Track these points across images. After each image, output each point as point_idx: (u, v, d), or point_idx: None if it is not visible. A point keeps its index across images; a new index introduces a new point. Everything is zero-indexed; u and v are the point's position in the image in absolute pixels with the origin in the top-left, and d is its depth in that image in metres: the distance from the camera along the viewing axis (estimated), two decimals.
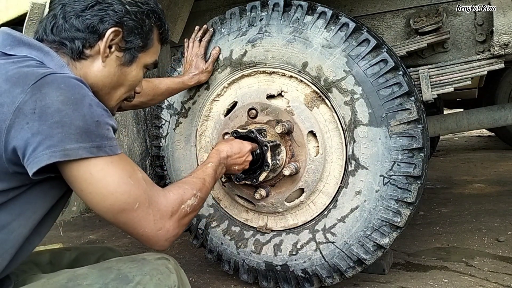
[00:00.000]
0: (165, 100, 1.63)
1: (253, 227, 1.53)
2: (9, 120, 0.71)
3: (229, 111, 1.51)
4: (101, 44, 0.88)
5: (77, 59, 0.88)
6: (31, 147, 0.70)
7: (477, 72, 1.47)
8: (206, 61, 1.50)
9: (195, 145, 1.59)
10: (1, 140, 0.71)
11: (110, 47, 0.89)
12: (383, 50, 1.29)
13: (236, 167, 1.24)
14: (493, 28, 1.42)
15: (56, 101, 0.72)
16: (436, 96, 1.51)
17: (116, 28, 0.88)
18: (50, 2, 0.91)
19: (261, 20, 1.42)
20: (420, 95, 1.48)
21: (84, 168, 0.74)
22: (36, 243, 0.88)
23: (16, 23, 1.73)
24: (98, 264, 0.90)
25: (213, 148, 1.24)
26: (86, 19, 0.87)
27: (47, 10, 1.45)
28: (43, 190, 0.81)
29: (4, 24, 1.76)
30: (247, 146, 1.26)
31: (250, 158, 1.27)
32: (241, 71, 1.47)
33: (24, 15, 1.50)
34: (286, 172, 1.35)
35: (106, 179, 0.76)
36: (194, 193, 0.94)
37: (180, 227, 0.88)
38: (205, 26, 1.54)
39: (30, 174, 0.72)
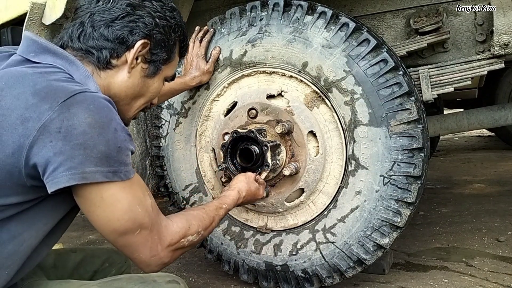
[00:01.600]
0: (165, 100, 1.63)
1: (253, 227, 1.53)
2: (33, 136, 0.70)
3: (229, 111, 1.50)
4: (129, 55, 0.88)
5: (102, 68, 0.88)
6: (52, 166, 0.70)
7: (477, 72, 1.47)
8: (207, 62, 1.50)
9: (195, 145, 1.59)
10: (23, 155, 0.71)
11: (136, 58, 0.89)
12: (383, 50, 1.29)
13: (246, 204, 1.28)
14: (493, 28, 1.42)
15: (84, 122, 0.72)
16: (436, 96, 1.51)
17: (145, 41, 0.88)
18: (76, 9, 0.89)
19: (261, 20, 1.42)
20: (420, 95, 1.48)
21: (96, 191, 0.75)
22: (44, 254, 0.88)
23: (16, 23, 1.73)
24: (108, 283, 0.90)
25: (231, 184, 1.24)
26: (116, 29, 0.86)
27: (47, 10, 1.45)
28: (55, 202, 0.81)
29: (4, 24, 1.76)
30: (262, 190, 1.29)
31: (259, 197, 1.30)
32: (241, 71, 1.47)
33: (24, 15, 1.50)
34: (286, 172, 1.35)
35: (115, 205, 0.77)
36: (198, 231, 0.95)
37: (172, 257, 0.89)
38: (205, 27, 1.54)
39: (49, 192, 0.73)
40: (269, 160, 1.30)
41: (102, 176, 0.74)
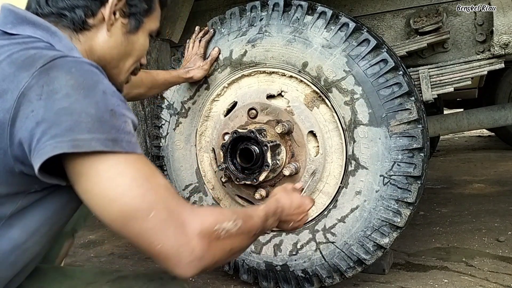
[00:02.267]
0: (165, 100, 1.63)
1: None
2: (13, 108, 0.61)
3: (229, 111, 1.51)
4: (105, 11, 0.78)
5: (79, 30, 0.78)
6: (35, 138, 0.60)
7: (477, 72, 1.47)
8: (204, 59, 1.50)
9: (195, 145, 1.59)
10: (6, 133, 0.61)
11: (114, 13, 0.80)
12: (383, 50, 1.29)
13: (291, 223, 1.02)
14: (493, 28, 1.42)
15: (66, 85, 0.62)
16: (436, 96, 1.51)
17: None
18: None
19: (261, 20, 1.42)
20: (420, 95, 1.48)
21: (93, 164, 0.62)
22: (42, 256, 0.82)
23: None
24: (115, 281, 0.84)
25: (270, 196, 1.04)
26: None
27: None
28: (58, 203, 0.73)
29: None
30: (308, 203, 1.06)
31: (307, 218, 1.08)
32: (241, 71, 1.47)
33: None
34: (286, 172, 1.35)
35: (117, 179, 0.63)
36: (234, 218, 0.73)
37: (210, 250, 0.67)
38: (206, 27, 1.54)
39: (36, 172, 0.61)
40: (269, 160, 1.30)
41: (100, 144, 0.61)
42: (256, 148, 1.33)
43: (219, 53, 1.49)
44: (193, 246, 0.65)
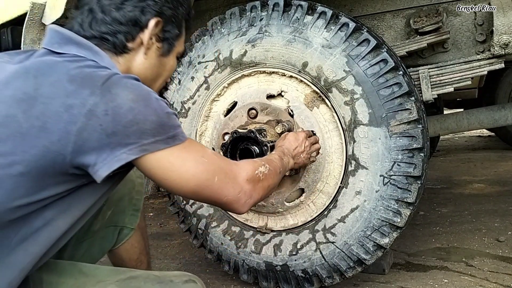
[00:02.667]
0: (165, 100, 1.63)
1: (253, 227, 1.53)
2: (80, 122, 0.70)
3: (229, 111, 1.50)
4: (144, 36, 0.87)
5: (119, 53, 0.86)
6: (108, 148, 0.71)
7: (477, 72, 1.47)
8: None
9: None
10: (70, 141, 0.70)
11: (151, 38, 0.88)
12: (383, 50, 1.29)
13: (302, 155, 1.24)
14: (493, 28, 1.42)
15: (127, 100, 0.73)
16: (436, 96, 1.51)
17: (158, 19, 0.87)
18: None
19: (261, 20, 1.42)
20: (420, 95, 1.48)
21: (163, 158, 0.76)
22: (69, 237, 0.88)
23: (16, 23, 1.73)
24: (125, 281, 0.88)
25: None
26: (127, 11, 0.84)
27: (47, 10, 1.45)
28: (92, 189, 0.80)
29: (4, 24, 1.76)
30: (301, 133, 1.27)
31: (309, 142, 1.27)
32: (241, 71, 1.47)
33: (24, 15, 1.50)
34: (286, 172, 1.34)
35: (186, 164, 0.79)
36: (262, 163, 0.97)
37: (256, 190, 0.91)
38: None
39: (104, 175, 0.72)
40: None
41: (163, 144, 0.75)
42: (256, 148, 1.33)
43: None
44: (245, 190, 0.88)
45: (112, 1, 0.84)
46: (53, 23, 1.43)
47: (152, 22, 0.86)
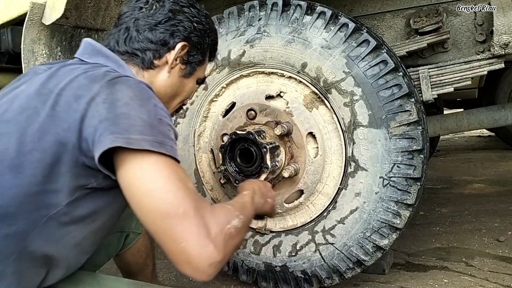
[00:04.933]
0: None
1: (252, 228, 1.52)
2: (83, 109, 0.75)
3: (227, 111, 1.50)
4: (169, 56, 0.95)
5: (145, 69, 0.95)
6: (98, 132, 0.73)
7: (477, 72, 1.46)
8: None
9: (193, 145, 1.59)
10: (76, 128, 0.75)
11: (176, 59, 0.97)
12: (383, 51, 1.28)
13: (269, 201, 1.17)
14: (493, 28, 1.41)
15: (126, 96, 0.77)
16: (436, 96, 1.50)
17: (185, 43, 0.96)
18: (120, 16, 0.98)
19: (259, 20, 1.42)
20: (420, 95, 1.47)
21: (139, 160, 0.73)
22: (86, 256, 0.92)
23: (16, 23, 1.73)
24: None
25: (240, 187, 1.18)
26: (159, 32, 0.94)
27: (47, 10, 1.44)
28: (106, 201, 0.83)
29: (4, 24, 1.76)
30: (267, 183, 1.28)
31: (274, 193, 1.27)
32: (240, 72, 1.46)
33: (24, 15, 1.50)
34: (285, 174, 1.34)
35: (159, 179, 0.73)
36: (237, 214, 0.84)
37: (225, 252, 0.74)
38: None
39: (96, 159, 0.73)
40: (268, 162, 1.30)
41: (148, 144, 0.73)
42: (255, 149, 1.32)
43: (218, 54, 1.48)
44: (212, 250, 0.71)
45: (148, 23, 0.94)
46: (53, 23, 1.43)
47: (179, 45, 0.95)
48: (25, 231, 0.75)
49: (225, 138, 1.41)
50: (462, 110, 3.18)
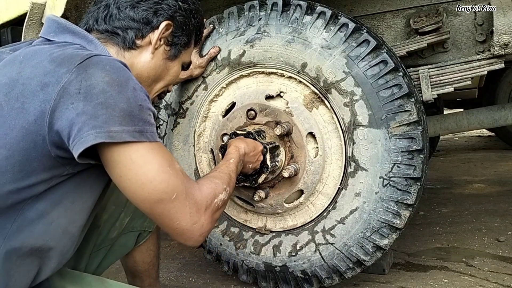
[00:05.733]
0: (163, 100, 1.62)
1: (252, 228, 1.52)
2: (53, 100, 0.69)
3: (227, 111, 1.50)
4: (153, 36, 0.90)
5: (127, 49, 0.90)
6: (76, 127, 0.69)
7: (477, 72, 1.46)
8: (201, 57, 1.49)
9: (193, 145, 1.59)
10: (45, 120, 0.70)
11: (160, 39, 0.92)
12: (383, 51, 1.28)
13: (251, 165, 1.22)
14: (493, 28, 1.41)
15: (102, 81, 0.71)
16: (436, 96, 1.50)
17: (169, 22, 0.91)
18: None
19: (259, 20, 1.42)
20: (420, 95, 1.47)
21: (125, 152, 0.72)
22: (77, 237, 0.87)
23: (16, 23, 1.73)
24: None
25: (227, 145, 1.22)
26: (141, 10, 0.89)
27: (47, 10, 1.45)
28: (82, 179, 0.80)
29: (4, 24, 1.76)
30: (259, 145, 1.26)
31: (262, 158, 1.27)
32: (240, 72, 1.46)
33: (24, 15, 1.50)
34: (285, 174, 1.34)
35: (146, 166, 0.73)
36: (224, 187, 0.91)
37: (212, 222, 0.84)
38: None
39: (76, 156, 0.70)
40: (268, 162, 1.30)
41: (129, 136, 0.72)
42: None
43: (219, 52, 1.48)
44: (202, 223, 0.80)
45: (129, 0, 0.89)
46: None
47: (163, 24, 0.90)
48: (3, 228, 0.73)
49: (225, 138, 1.41)
50: (462, 110, 3.18)
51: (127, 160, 0.73)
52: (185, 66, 1.04)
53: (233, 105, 1.48)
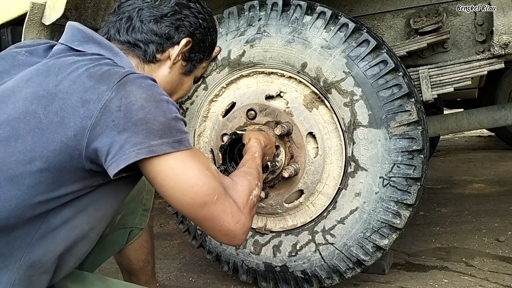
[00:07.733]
0: None
1: (252, 228, 1.52)
2: (95, 117, 0.72)
3: (227, 111, 1.50)
4: (172, 51, 0.93)
5: (147, 62, 0.92)
6: (117, 144, 0.72)
7: (477, 72, 1.46)
8: None
9: (193, 145, 1.59)
10: (85, 136, 0.72)
11: (178, 55, 0.94)
12: (383, 51, 1.28)
13: (267, 157, 1.25)
14: (493, 28, 1.41)
15: (140, 98, 0.74)
16: (436, 96, 1.50)
17: (189, 39, 0.94)
18: (120, 4, 0.93)
19: (259, 20, 1.42)
20: (420, 95, 1.47)
21: (166, 163, 0.75)
22: (93, 241, 0.89)
23: (16, 23, 1.73)
24: None
25: (241, 137, 1.25)
26: (164, 25, 0.91)
27: (47, 10, 1.44)
28: (110, 188, 0.82)
29: (4, 24, 1.75)
30: (273, 138, 1.30)
31: (275, 151, 1.30)
32: (240, 72, 1.46)
33: (24, 15, 1.50)
34: (286, 174, 1.34)
35: (187, 172, 0.77)
36: (256, 183, 0.94)
37: (251, 219, 0.87)
38: None
39: (114, 172, 0.72)
40: (268, 162, 1.30)
41: (169, 147, 0.75)
42: None
43: (219, 52, 1.48)
44: (243, 221, 0.83)
45: (153, 14, 0.90)
46: (53, 23, 1.43)
47: (183, 41, 0.93)
48: (27, 235, 0.74)
49: (225, 138, 1.41)
50: (462, 110, 3.17)
51: (168, 170, 0.76)
52: (196, 80, 1.06)
53: (233, 105, 1.48)
